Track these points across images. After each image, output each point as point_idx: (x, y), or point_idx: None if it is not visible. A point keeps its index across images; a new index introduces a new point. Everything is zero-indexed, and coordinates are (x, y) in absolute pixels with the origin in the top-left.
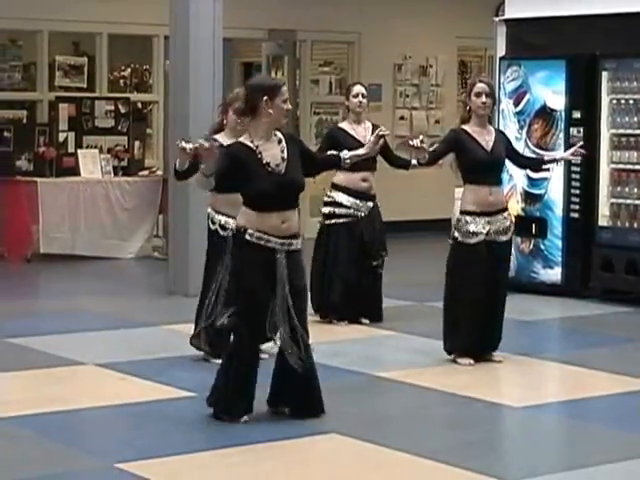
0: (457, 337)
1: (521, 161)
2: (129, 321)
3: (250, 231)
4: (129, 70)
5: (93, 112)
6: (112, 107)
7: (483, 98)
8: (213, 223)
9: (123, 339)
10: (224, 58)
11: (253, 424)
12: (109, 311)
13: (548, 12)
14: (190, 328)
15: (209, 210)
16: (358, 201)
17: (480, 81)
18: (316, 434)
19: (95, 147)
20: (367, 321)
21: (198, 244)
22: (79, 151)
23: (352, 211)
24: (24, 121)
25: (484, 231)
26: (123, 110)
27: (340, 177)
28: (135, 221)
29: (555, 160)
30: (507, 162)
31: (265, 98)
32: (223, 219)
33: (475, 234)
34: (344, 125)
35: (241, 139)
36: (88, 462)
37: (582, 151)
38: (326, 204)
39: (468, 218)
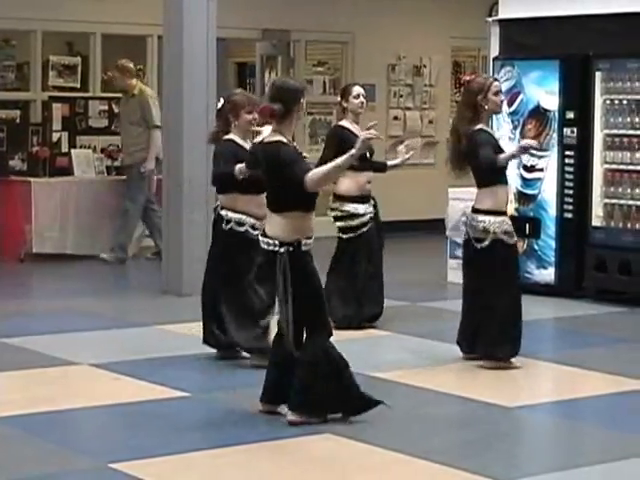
0: (515, 340)
1: None
2: (123, 321)
3: (304, 241)
4: None
5: (87, 112)
6: (106, 107)
7: (502, 96)
8: (228, 222)
9: (116, 339)
10: (218, 58)
11: (247, 424)
12: (102, 311)
13: (541, 12)
14: (183, 327)
15: (224, 212)
16: (367, 205)
17: (496, 79)
18: (310, 434)
19: (88, 147)
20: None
21: (192, 244)
22: (72, 151)
23: (367, 218)
24: (17, 121)
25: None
26: (117, 110)
27: (345, 185)
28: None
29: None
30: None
31: (302, 101)
32: (244, 217)
33: (513, 234)
34: (347, 125)
35: (282, 139)
36: (81, 462)
37: (530, 144)
38: (339, 218)
39: (504, 218)
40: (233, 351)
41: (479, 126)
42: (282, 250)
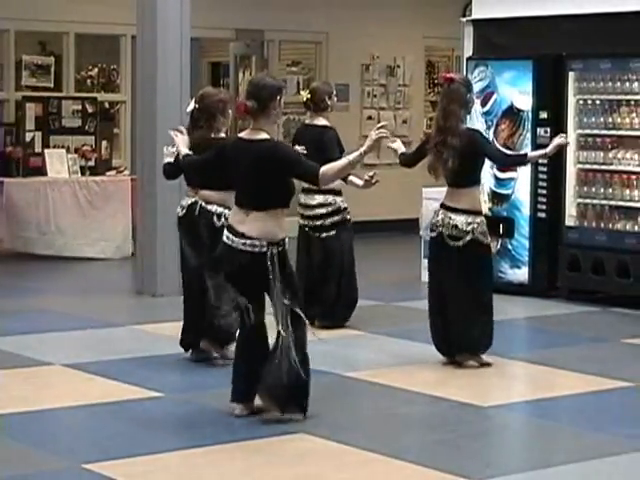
0: (487, 336)
1: None
2: (97, 321)
3: (286, 239)
4: (96, 70)
5: (60, 112)
6: (79, 107)
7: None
8: (220, 217)
9: (90, 339)
10: (192, 58)
11: (221, 424)
12: (76, 311)
13: (515, 13)
14: (156, 328)
15: (214, 207)
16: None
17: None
18: (284, 434)
19: (62, 147)
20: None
21: (166, 244)
22: (46, 151)
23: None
24: None
25: None
26: (90, 110)
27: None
28: (103, 221)
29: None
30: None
31: (278, 98)
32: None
33: (487, 234)
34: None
35: (267, 136)
36: (55, 462)
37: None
38: (336, 212)
39: (482, 218)
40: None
41: (467, 125)
42: (274, 251)
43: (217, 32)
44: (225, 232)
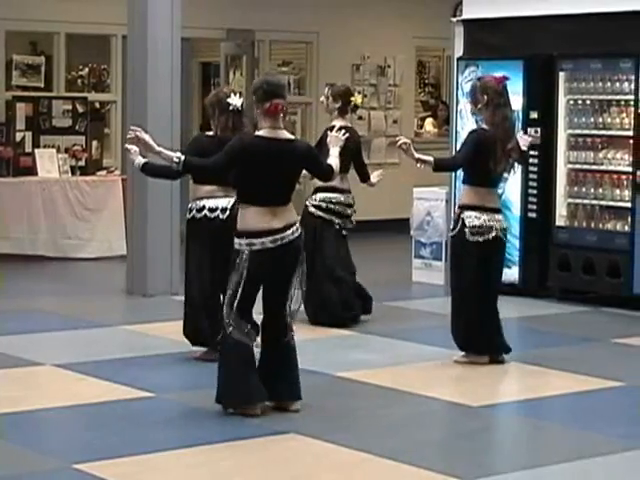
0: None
1: None
2: (87, 321)
3: None
4: (87, 70)
5: (50, 112)
6: (70, 107)
7: None
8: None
9: (81, 339)
10: (182, 58)
11: (212, 424)
12: (67, 311)
13: (505, 13)
14: (147, 328)
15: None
16: None
17: None
18: (276, 434)
19: (52, 147)
20: None
21: (157, 244)
22: (36, 151)
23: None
24: None
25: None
26: (81, 110)
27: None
28: (94, 221)
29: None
30: None
31: (257, 96)
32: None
33: None
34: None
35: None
36: (46, 463)
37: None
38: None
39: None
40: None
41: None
42: (303, 235)
43: (208, 32)
44: (258, 240)
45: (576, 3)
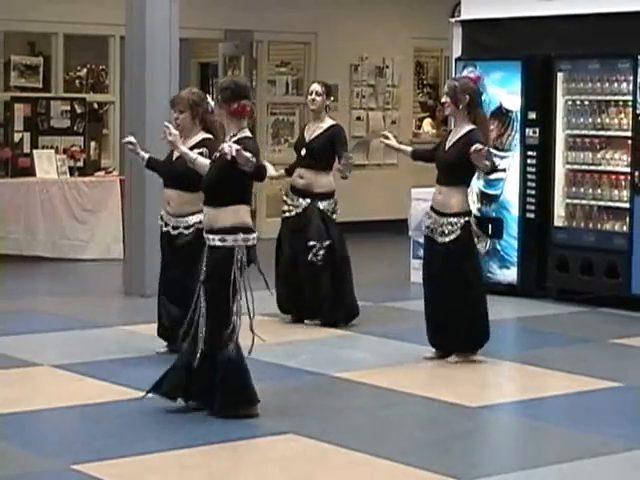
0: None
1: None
2: (85, 322)
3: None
4: (85, 70)
5: (49, 112)
6: (68, 107)
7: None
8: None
9: (79, 340)
10: (180, 58)
11: (209, 425)
12: (65, 312)
13: (504, 14)
14: (145, 328)
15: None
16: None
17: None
18: (273, 434)
19: (51, 147)
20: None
21: (154, 245)
22: (35, 151)
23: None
24: None
25: None
26: (79, 110)
27: (328, 181)
28: (92, 222)
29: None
30: None
31: (220, 98)
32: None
33: None
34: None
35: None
36: (44, 464)
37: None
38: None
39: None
40: None
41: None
42: None
43: (206, 32)
44: (251, 235)
45: (574, 4)
